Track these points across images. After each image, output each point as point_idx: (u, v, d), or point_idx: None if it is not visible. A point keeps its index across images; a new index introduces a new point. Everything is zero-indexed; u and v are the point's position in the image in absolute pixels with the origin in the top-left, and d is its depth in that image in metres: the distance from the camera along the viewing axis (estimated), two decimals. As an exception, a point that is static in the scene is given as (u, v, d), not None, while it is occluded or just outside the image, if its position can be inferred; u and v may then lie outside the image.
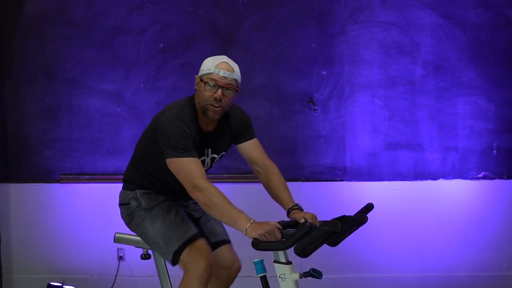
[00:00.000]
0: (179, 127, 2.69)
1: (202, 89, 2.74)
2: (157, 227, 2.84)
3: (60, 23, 4.48)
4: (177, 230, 2.82)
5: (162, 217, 2.86)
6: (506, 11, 4.41)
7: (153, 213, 2.88)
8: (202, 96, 2.74)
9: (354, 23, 4.43)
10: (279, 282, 2.63)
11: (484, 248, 4.44)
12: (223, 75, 2.71)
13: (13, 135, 4.53)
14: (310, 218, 2.71)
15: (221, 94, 2.71)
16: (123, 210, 2.97)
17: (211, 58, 2.79)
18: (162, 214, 2.87)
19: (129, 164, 3.03)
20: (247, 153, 2.98)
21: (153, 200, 2.91)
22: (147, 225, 2.87)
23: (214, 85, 2.71)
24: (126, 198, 2.96)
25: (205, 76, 2.73)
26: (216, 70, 2.71)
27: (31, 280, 4.51)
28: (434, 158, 4.45)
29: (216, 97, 2.71)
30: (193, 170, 2.64)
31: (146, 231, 2.88)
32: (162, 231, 2.83)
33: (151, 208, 2.89)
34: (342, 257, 4.44)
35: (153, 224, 2.86)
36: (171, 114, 2.74)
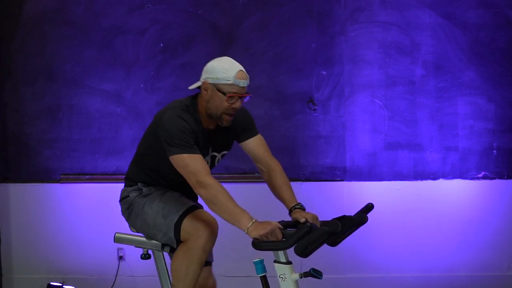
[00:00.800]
0: (180, 124, 2.68)
1: (219, 98, 2.71)
2: (155, 207, 2.84)
3: (60, 23, 4.48)
4: (175, 203, 2.82)
5: (160, 197, 2.86)
6: (506, 11, 4.41)
7: (151, 196, 2.88)
8: (218, 105, 2.72)
9: (354, 23, 4.43)
10: (279, 282, 2.63)
11: (484, 248, 4.44)
12: (243, 85, 2.71)
13: (13, 135, 4.53)
14: (311, 218, 2.71)
15: (241, 104, 2.73)
16: (123, 205, 2.98)
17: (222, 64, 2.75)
18: (159, 194, 2.88)
19: (132, 163, 3.03)
20: (250, 151, 2.97)
21: (153, 188, 2.91)
22: (147, 209, 2.86)
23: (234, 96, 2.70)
24: (125, 192, 2.97)
25: (223, 86, 2.70)
26: (236, 81, 2.69)
27: (31, 280, 4.51)
28: (434, 158, 4.45)
29: (236, 107, 2.72)
30: (197, 166, 2.63)
31: (146, 217, 2.86)
32: (161, 208, 2.82)
33: (149, 194, 2.89)
34: (342, 257, 4.44)
35: (151, 206, 2.85)
36: (173, 113, 2.74)
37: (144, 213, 2.87)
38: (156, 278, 3.01)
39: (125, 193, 2.97)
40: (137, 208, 2.90)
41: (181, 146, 2.65)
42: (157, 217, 2.83)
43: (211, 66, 2.77)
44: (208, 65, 2.80)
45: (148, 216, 2.86)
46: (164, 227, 2.81)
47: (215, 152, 2.92)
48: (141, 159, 2.94)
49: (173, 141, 2.66)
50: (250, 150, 2.97)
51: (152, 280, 2.96)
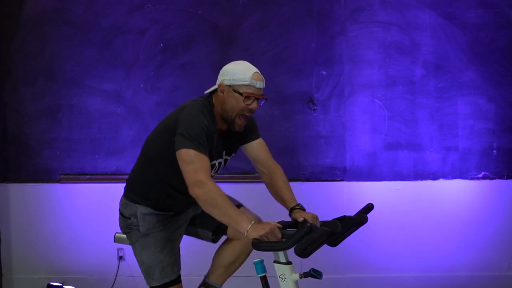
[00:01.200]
0: (201, 120, 2.68)
1: (236, 100, 2.72)
2: (144, 258, 2.88)
3: (60, 23, 4.48)
4: (159, 272, 2.87)
5: (152, 252, 2.87)
6: (506, 11, 4.41)
7: (146, 242, 2.88)
8: (235, 106, 2.72)
9: (354, 23, 4.43)
10: (279, 282, 2.63)
11: (484, 248, 4.45)
12: (259, 86, 2.73)
13: (13, 135, 4.53)
14: (311, 218, 2.72)
15: (257, 105, 2.74)
16: (122, 221, 2.96)
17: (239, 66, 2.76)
18: (153, 247, 2.88)
19: (135, 167, 2.96)
20: (252, 153, 2.97)
21: (152, 227, 2.88)
22: (137, 249, 2.90)
23: (251, 97, 2.71)
24: (126, 211, 2.92)
25: (240, 87, 2.71)
26: (252, 82, 2.71)
27: (31, 280, 4.51)
28: (434, 158, 4.45)
29: (252, 108, 2.73)
30: (201, 166, 2.61)
31: (135, 252, 2.94)
32: (147, 265, 2.88)
33: (147, 235, 2.88)
34: (342, 257, 4.44)
35: (141, 253, 2.89)
36: (197, 107, 2.73)
37: (135, 247, 2.92)
38: (156, 278, 3.00)
39: (125, 212, 2.93)
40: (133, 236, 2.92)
41: (194, 141, 2.63)
42: (142, 265, 2.91)
43: (227, 68, 2.78)
44: (224, 68, 2.80)
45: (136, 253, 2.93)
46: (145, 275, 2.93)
47: (227, 156, 2.92)
48: (149, 164, 2.86)
49: (189, 134, 2.63)
50: (252, 152, 2.97)
51: (152, 280, 2.98)
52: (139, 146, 3.03)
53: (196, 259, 3.74)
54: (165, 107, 4.41)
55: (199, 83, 4.43)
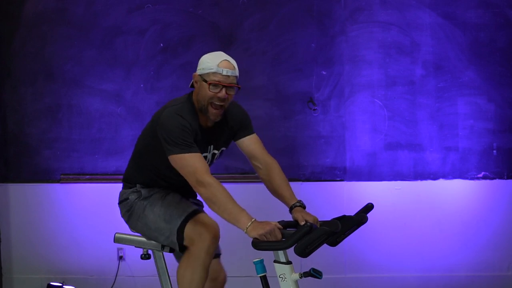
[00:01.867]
0: (179, 122, 2.68)
1: (204, 88, 2.72)
2: (157, 211, 2.84)
3: (60, 23, 4.48)
4: (176, 208, 2.82)
5: (161, 201, 2.86)
6: (506, 11, 4.41)
7: (152, 199, 2.88)
8: (204, 95, 2.72)
9: (354, 23, 4.43)
10: (279, 282, 2.63)
11: (484, 248, 4.44)
12: (226, 73, 2.71)
13: (13, 135, 4.53)
14: (311, 220, 2.71)
15: (225, 93, 2.71)
16: (122, 207, 2.97)
17: (209, 55, 2.77)
18: (160, 198, 2.88)
19: (130, 163, 3.03)
20: (246, 148, 2.96)
21: (152, 190, 2.91)
22: (148, 213, 2.86)
23: (218, 85, 2.70)
24: (125, 195, 2.97)
25: (207, 75, 2.71)
26: (219, 69, 2.70)
27: (31, 280, 4.51)
28: (434, 158, 4.45)
29: (221, 96, 2.70)
30: (197, 166, 2.63)
31: (147, 220, 2.87)
32: (163, 213, 2.82)
33: (149, 196, 2.90)
34: (342, 257, 4.44)
35: (153, 210, 2.85)
36: (171, 111, 2.73)
37: (145, 216, 2.87)
38: (156, 278, 3.00)
39: (124, 195, 2.97)
40: (138, 211, 2.90)
41: (180, 145, 2.65)
42: (158, 220, 2.83)
43: (201, 59, 2.80)
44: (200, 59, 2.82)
45: (149, 220, 2.86)
46: (166, 231, 2.81)
47: (215, 150, 2.91)
48: (139, 159, 2.94)
49: (172, 140, 2.66)
50: (247, 148, 2.95)
51: (152, 280, 2.96)
52: (139, 146, 3.03)
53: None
54: (165, 107, 4.41)
55: (199, 83, 4.42)
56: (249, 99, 4.31)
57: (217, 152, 2.93)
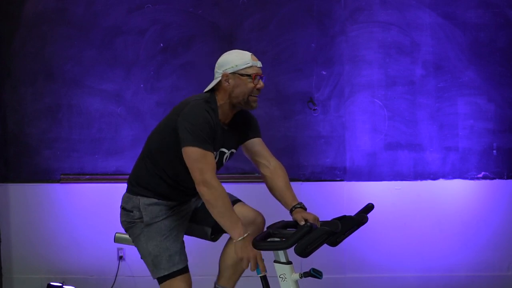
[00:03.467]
0: (205, 116, 2.72)
1: (243, 83, 2.80)
2: (150, 248, 2.86)
3: (60, 23, 4.48)
4: (167, 260, 2.85)
5: (159, 241, 2.86)
6: (506, 11, 4.41)
7: (151, 231, 2.88)
8: (244, 89, 2.80)
9: (354, 23, 4.43)
10: (279, 282, 2.63)
11: (484, 248, 4.44)
12: (259, 65, 2.86)
13: (13, 135, 4.53)
14: (312, 219, 2.71)
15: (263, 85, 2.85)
16: (124, 215, 2.96)
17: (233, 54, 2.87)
18: (159, 236, 2.87)
19: (138, 162, 2.99)
20: (254, 147, 2.98)
21: (155, 216, 2.89)
22: (142, 241, 2.89)
23: (257, 77, 2.81)
24: (129, 204, 2.94)
25: (244, 70, 2.81)
26: (254, 63, 2.83)
27: (31, 280, 4.51)
28: (434, 158, 4.45)
29: (260, 87, 2.83)
30: (207, 165, 2.67)
31: (139, 246, 2.91)
32: (153, 255, 2.86)
33: (150, 224, 2.88)
34: (342, 257, 4.44)
35: (147, 243, 2.87)
36: (199, 104, 2.77)
37: (139, 241, 2.91)
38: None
39: (128, 205, 2.94)
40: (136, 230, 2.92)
41: (199, 138, 2.68)
42: (148, 257, 2.88)
43: (225, 59, 2.86)
44: (220, 60, 2.87)
45: (141, 247, 2.90)
46: (151, 267, 2.89)
47: (224, 148, 2.91)
48: (150, 156, 2.90)
49: (193, 131, 2.68)
50: (254, 147, 2.98)
51: (152, 280, 2.96)
52: (139, 146, 3.04)
53: (198, 258, 3.74)
54: (165, 107, 4.41)
55: (199, 83, 4.42)
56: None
57: (227, 152, 2.94)
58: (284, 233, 2.60)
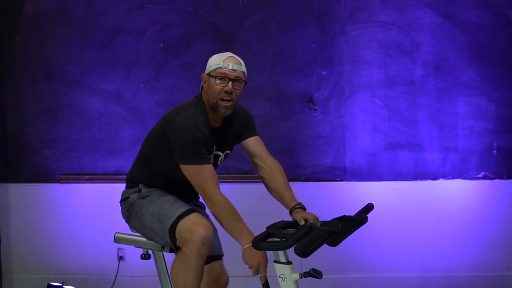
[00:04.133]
0: (193, 133, 2.70)
1: (212, 85, 2.76)
2: (152, 210, 2.84)
3: (60, 23, 4.48)
4: (170, 208, 2.81)
5: (157, 199, 2.86)
6: (506, 11, 4.41)
7: (149, 198, 2.88)
8: (213, 91, 2.76)
9: (354, 23, 4.43)
10: (279, 282, 2.63)
11: (484, 248, 4.44)
12: (232, 68, 2.76)
13: (13, 135, 4.53)
14: (312, 219, 2.71)
15: (232, 87, 2.75)
16: (123, 206, 2.98)
17: (216, 55, 2.84)
18: (157, 197, 2.88)
19: (134, 164, 3.01)
20: (250, 148, 2.96)
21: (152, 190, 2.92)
22: (144, 212, 2.86)
23: (224, 78, 2.74)
24: (126, 194, 2.97)
25: (213, 71, 2.77)
26: (224, 64, 2.76)
27: (31, 280, 4.51)
28: (434, 158, 4.45)
29: (227, 90, 2.74)
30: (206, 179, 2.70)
31: (144, 219, 2.87)
32: (157, 212, 2.82)
33: (148, 195, 2.89)
34: (342, 257, 4.44)
35: (148, 208, 2.85)
36: (185, 118, 2.74)
37: (142, 215, 2.87)
38: (156, 278, 3.01)
39: (126, 195, 2.97)
40: (136, 210, 2.90)
41: (192, 156, 2.69)
42: (153, 220, 2.83)
43: (208, 60, 2.86)
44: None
45: (145, 219, 2.86)
46: (160, 231, 2.81)
47: (219, 151, 2.91)
48: (146, 161, 2.93)
49: (185, 150, 2.69)
50: (251, 148, 2.96)
51: (152, 280, 2.95)
52: (139, 146, 3.03)
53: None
54: (165, 107, 4.41)
55: (199, 83, 4.40)
56: (249, 99, 4.31)
57: (221, 154, 2.93)
58: (284, 233, 2.60)
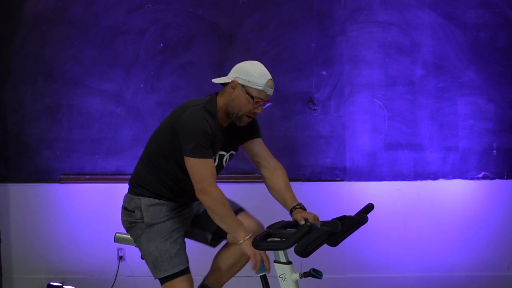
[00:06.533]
0: (202, 126, 2.71)
1: (244, 99, 2.76)
2: (150, 249, 2.87)
3: (60, 23, 4.48)
4: (168, 261, 2.85)
5: (159, 242, 2.86)
6: (506, 11, 4.41)
7: (152, 233, 2.88)
8: (242, 106, 2.77)
9: (354, 23, 4.43)
10: (279, 282, 2.63)
11: (484, 248, 4.44)
12: (270, 93, 2.80)
13: (13, 135, 4.53)
14: (312, 218, 2.72)
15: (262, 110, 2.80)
16: (126, 215, 2.96)
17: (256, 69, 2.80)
18: (160, 238, 2.87)
19: (138, 165, 3.00)
20: (253, 149, 2.98)
21: (156, 217, 2.89)
22: (143, 242, 2.89)
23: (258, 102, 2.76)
24: (131, 204, 2.94)
25: (253, 90, 2.76)
26: (266, 89, 2.77)
27: (31, 280, 4.51)
28: (434, 158, 4.45)
29: (258, 112, 2.79)
30: (207, 172, 2.70)
31: (141, 246, 2.92)
32: (154, 256, 2.86)
33: (152, 225, 2.88)
34: (342, 257, 4.44)
35: (148, 244, 2.87)
36: (195, 111, 2.75)
37: (140, 241, 2.91)
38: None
39: (129, 206, 2.94)
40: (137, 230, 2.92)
41: (197, 147, 2.69)
42: (149, 257, 2.89)
43: (244, 67, 2.81)
44: (240, 65, 2.84)
45: (142, 247, 2.91)
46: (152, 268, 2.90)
47: (223, 151, 2.91)
48: (150, 159, 2.91)
49: (191, 141, 2.69)
50: (254, 149, 2.97)
51: (152, 280, 2.96)
52: (139, 146, 3.04)
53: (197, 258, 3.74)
54: (165, 107, 4.41)
55: (199, 83, 4.43)
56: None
57: (226, 154, 2.93)
58: (284, 233, 2.60)
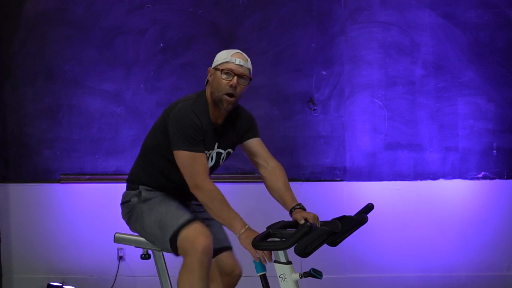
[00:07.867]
0: (191, 119, 2.73)
1: (218, 78, 2.78)
2: (153, 216, 2.85)
3: (60, 23, 4.48)
4: (171, 217, 2.81)
5: (159, 206, 2.87)
6: (506, 11, 4.41)
7: (150, 204, 2.89)
8: (218, 85, 2.78)
9: (354, 23, 4.43)
10: (279, 282, 2.63)
11: (484, 248, 4.44)
12: (238, 63, 2.78)
13: (13, 135, 4.53)
14: (312, 218, 2.71)
15: (237, 82, 2.76)
16: (124, 208, 2.98)
17: (225, 51, 2.86)
18: (159, 202, 2.88)
19: (135, 164, 3.03)
20: (252, 148, 2.97)
21: (153, 194, 2.92)
22: (145, 217, 2.87)
23: (230, 73, 2.76)
24: (127, 196, 2.97)
25: (220, 65, 2.79)
26: (231, 59, 2.78)
27: (31, 280, 4.51)
28: (434, 158, 4.45)
29: (232, 84, 2.76)
30: (197, 168, 2.69)
31: (144, 224, 2.88)
32: (158, 219, 2.83)
33: (149, 199, 2.90)
34: (342, 257, 4.44)
35: (150, 214, 2.86)
36: (184, 106, 2.78)
37: (143, 220, 2.89)
38: (156, 278, 3.01)
39: (127, 197, 2.97)
40: (137, 213, 2.91)
41: (187, 142, 2.69)
42: (154, 227, 2.85)
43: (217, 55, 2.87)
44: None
45: (146, 224, 2.87)
46: (160, 238, 2.83)
47: (221, 149, 2.92)
48: (146, 157, 2.94)
49: (181, 135, 2.70)
50: (252, 148, 2.97)
51: (152, 280, 2.96)
52: (139, 146, 3.04)
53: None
54: (165, 107, 4.39)
55: (199, 83, 4.42)
56: (249, 99, 4.31)
57: (223, 152, 2.93)
58: (284, 233, 2.60)
